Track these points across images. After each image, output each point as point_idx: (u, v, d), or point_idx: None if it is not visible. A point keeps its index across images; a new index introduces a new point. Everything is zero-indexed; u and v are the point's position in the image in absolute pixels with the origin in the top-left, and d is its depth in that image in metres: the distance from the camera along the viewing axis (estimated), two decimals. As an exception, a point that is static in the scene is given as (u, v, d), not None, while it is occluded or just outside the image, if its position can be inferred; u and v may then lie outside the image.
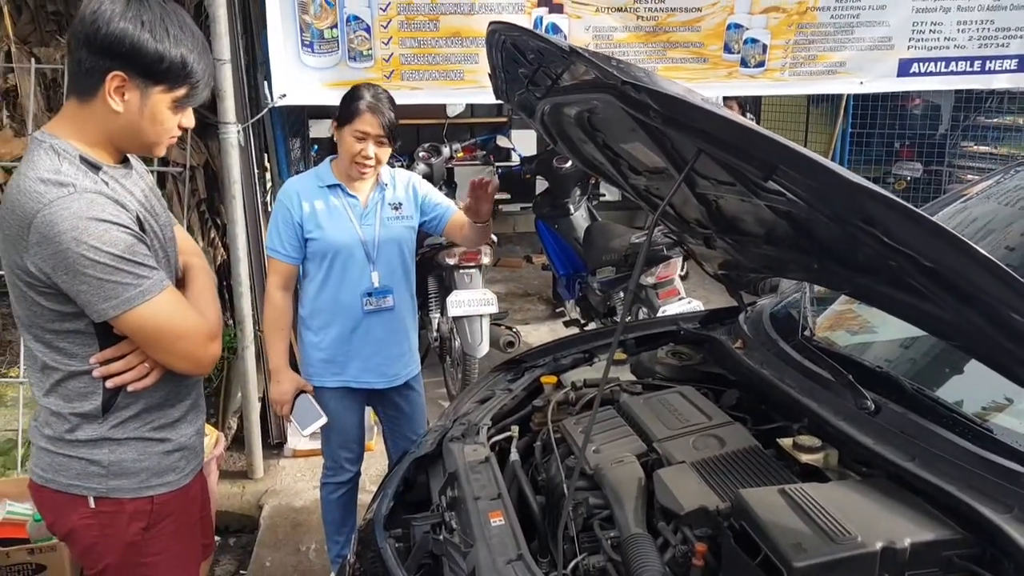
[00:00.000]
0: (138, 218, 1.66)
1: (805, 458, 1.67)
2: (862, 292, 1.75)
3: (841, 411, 1.72)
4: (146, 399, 1.76)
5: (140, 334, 1.67)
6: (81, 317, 1.64)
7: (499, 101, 2.62)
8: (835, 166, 1.17)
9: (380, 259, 2.78)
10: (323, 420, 2.76)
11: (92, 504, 1.74)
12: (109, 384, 1.70)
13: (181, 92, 1.65)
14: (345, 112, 2.66)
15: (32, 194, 1.54)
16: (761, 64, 4.23)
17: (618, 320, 4.81)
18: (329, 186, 2.75)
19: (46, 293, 1.61)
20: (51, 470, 1.74)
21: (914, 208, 1.12)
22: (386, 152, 2.71)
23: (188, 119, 1.73)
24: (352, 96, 2.66)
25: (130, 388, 1.72)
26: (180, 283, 1.84)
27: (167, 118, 1.67)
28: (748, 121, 1.35)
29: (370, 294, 2.78)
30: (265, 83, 3.73)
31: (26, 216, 1.54)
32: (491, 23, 2.12)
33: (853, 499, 1.45)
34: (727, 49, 4.16)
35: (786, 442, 1.73)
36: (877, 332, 2.30)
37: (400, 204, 2.84)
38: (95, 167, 1.63)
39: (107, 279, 1.57)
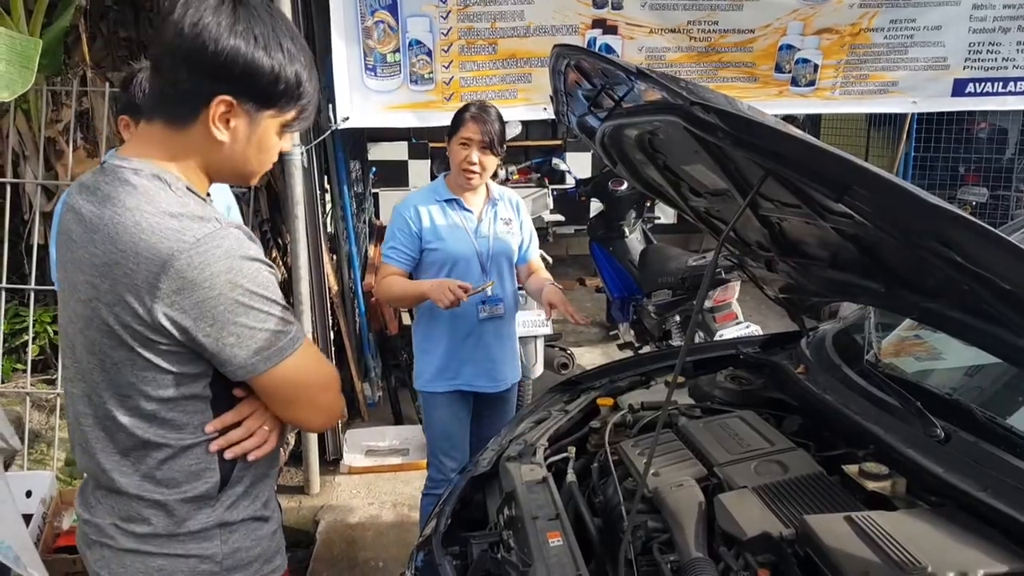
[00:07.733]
0: None
1: (872, 486, 1.62)
2: (931, 317, 1.72)
3: (909, 439, 1.68)
4: (254, 470, 1.47)
5: (285, 389, 1.39)
6: (201, 378, 1.36)
7: (555, 121, 2.65)
8: (913, 187, 1.16)
9: (493, 269, 2.95)
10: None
11: None
12: (228, 455, 1.40)
13: (291, 115, 1.39)
14: (453, 124, 2.85)
15: (166, 231, 1.25)
16: (812, 83, 4.25)
17: (673, 344, 4.77)
18: (446, 200, 2.92)
19: (169, 352, 1.31)
20: None
21: (996, 230, 1.10)
22: (491, 160, 2.85)
23: (287, 142, 1.47)
24: (461, 110, 2.85)
25: (251, 457, 1.42)
26: None
27: (274, 144, 1.41)
28: (820, 142, 1.33)
29: (484, 302, 2.93)
30: (329, 106, 3.80)
31: (160, 258, 1.24)
32: (555, 46, 2.14)
33: (923, 528, 1.41)
34: (778, 69, 4.19)
35: (852, 469, 1.69)
36: (944, 358, 2.24)
37: (510, 220, 3.02)
38: (201, 199, 1.36)
39: (259, 327, 1.32)
